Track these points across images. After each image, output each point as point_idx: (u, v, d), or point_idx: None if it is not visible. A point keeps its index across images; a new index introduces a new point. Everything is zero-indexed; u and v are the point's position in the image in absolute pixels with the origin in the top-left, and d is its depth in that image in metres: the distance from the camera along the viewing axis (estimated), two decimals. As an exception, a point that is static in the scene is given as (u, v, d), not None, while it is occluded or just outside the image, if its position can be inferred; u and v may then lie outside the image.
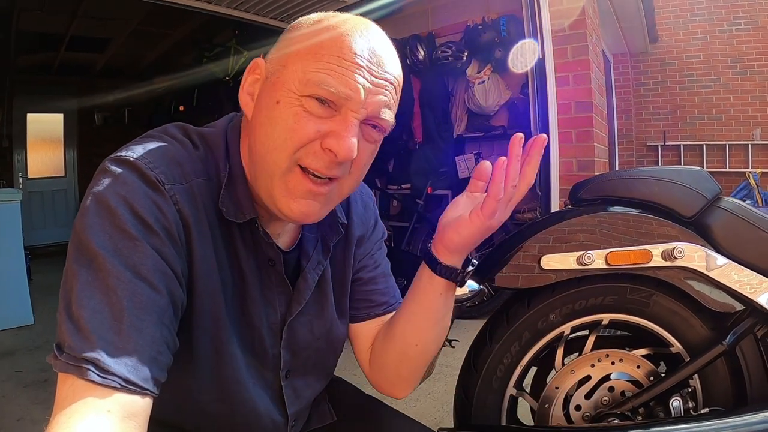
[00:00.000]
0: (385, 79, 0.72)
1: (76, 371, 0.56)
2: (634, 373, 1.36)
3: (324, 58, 0.68)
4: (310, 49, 0.70)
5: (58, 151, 7.99)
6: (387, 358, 0.95)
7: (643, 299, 1.33)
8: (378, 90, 0.71)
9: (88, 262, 0.62)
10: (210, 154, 0.78)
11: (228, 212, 0.76)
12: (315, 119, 0.69)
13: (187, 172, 0.73)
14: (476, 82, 4.53)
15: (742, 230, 1.28)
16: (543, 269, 1.30)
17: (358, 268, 0.98)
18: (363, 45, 0.70)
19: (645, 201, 1.33)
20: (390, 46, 0.75)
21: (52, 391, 0.57)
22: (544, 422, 1.38)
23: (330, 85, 0.67)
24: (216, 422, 0.85)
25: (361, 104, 0.69)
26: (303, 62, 0.69)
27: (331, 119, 0.70)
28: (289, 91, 0.69)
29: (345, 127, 0.69)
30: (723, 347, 1.26)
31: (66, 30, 5.80)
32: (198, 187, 0.74)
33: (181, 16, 4.95)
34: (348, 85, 0.68)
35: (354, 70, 0.68)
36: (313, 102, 0.69)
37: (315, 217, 0.76)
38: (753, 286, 1.25)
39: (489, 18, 4.45)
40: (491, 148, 4.73)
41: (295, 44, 0.72)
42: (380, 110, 0.72)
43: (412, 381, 0.97)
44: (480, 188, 0.83)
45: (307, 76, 0.68)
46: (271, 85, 0.72)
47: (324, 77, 0.67)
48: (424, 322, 0.89)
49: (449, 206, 0.85)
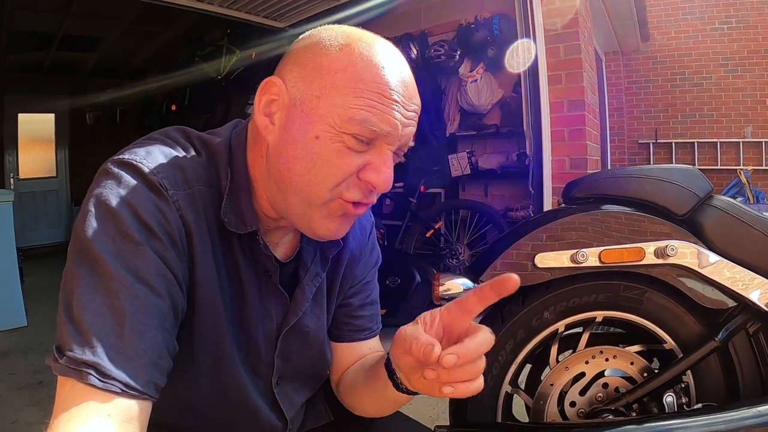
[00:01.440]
0: (414, 111, 0.73)
1: (77, 375, 0.57)
2: (627, 370, 1.38)
3: (364, 94, 0.67)
4: (347, 83, 0.68)
5: (50, 151, 7.92)
6: (351, 401, 0.97)
7: (636, 296, 1.34)
8: (409, 122, 0.72)
9: (90, 265, 0.61)
10: (212, 161, 0.78)
11: (230, 223, 0.75)
12: (355, 154, 0.69)
13: (189, 177, 0.73)
14: (469, 81, 4.53)
15: (734, 228, 1.29)
16: (537, 267, 1.31)
17: (351, 294, 0.99)
18: (397, 77, 0.70)
19: (638, 199, 1.34)
20: (411, 73, 0.74)
21: (46, 393, 0.57)
22: (539, 419, 1.39)
23: (373, 125, 0.67)
24: (215, 426, 0.85)
25: (397, 138, 0.71)
26: (342, 97, 0.67)
27: (367, 152, 0.70)
28: (328, 126, 0.68)
29: (383, 161, 0.71)
30: (715, 343, 1.27)
31: (57, 29, 5.76)
32: (200, 194, 0.73)
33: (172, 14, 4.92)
34: (389, 123, 0.68)
35: (392, 107, 0.68)
36: (354, 139, 0.68)
37: (343, 232, 0.78)
38: (745, 282, 1.26)
39: (481, 17, 4.46)
40: (484, 147, 4.75)
41: (327, 74, 0.69)
42: (409, 141, 0.74)
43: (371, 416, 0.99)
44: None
45: (349, 113, 0.67)
46: (304, 116, 0.70)
47: (367, 116, 0.67)
48: (379, 400, 0.89)
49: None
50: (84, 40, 6.41)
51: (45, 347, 3.41)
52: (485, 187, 4.72)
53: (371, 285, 1.02)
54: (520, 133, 4.20)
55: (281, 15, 4.81)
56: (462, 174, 4.65)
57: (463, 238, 4.46)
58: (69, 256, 0.64)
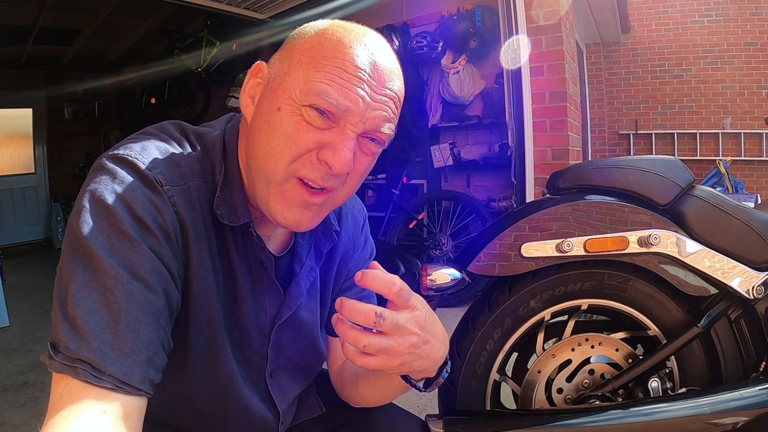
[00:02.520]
0: (385, 95, 0.71)
1: (72, 372, 0.56)
2: (613, 356, 1.40)
3: (326, 68, 0.67)
4: (312, 57, 0.69)
5: (28, 147, 7.74)
6: (350, 392, 0.98)
7: (620, 284, 1.36)
8: (378, 105, 0.70)
9: (85, 261, 0.61)
10: (206, 155, 0.78)
11: (222, 215, 0.75)
12: (314, 129, 0.68)
13: (184, 173, 0.73)
14: (451, 72, 4.54)
15: (715, 217, 1.31)
16: (523, 257, 1.32)
17: (346, 288, 0.99)
18: (365, 58, 0.69)
19: (621, 189, 1.36)
20: (393, 59, 0.74)
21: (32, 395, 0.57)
22: (527, 406, 1.41)
23: (330, 96, 0.66)
24: (209, 421, 0.85)
25: (360, 118, 0.69)
26: (305, 71, 0.68)
27: (329, 130, 0.69)
28: (290, 99, 0.68)
29: (342, 140, 0.69)
30: (698, 329, 1.30)
31: (34, 22, 5.64)
32: (195, 189, 0.73)
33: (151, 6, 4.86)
34: (348, 98, 0.67)
35: (355, 83, 0.67)
36: (313, 112, 0.68)
37: (307, 225, 0.75)
38: (725, 270, 1.29)
39: (464, 8, 4.46)
40: (466, 138, 4.76)
41: (297, 51, 0.71)
42: (380, 125, 0.71)
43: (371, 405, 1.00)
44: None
45: (308, 85, 0.67)
46: (272, 91, 0.71)
47: (325, 88, 0.66)
48: (385, 390, 0.91)
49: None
50: (61, 34, 6.27)
51: (28, 347, 3.36)
52: (468, 178, 4.74)
53: None
54: (503, 124, 4.22)
55: (262, 6, 4.76)
56: (444, 165, 4.66)
57: (446, 229, 4.48)
58: (63, 252, 0.63)
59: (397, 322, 0.65)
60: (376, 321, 0.63)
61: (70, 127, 8.07)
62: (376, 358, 0.66)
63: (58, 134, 7.92)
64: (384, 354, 0.65)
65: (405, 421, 1.05)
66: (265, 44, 5.27)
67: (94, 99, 8.07)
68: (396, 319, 0.65)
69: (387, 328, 0.64)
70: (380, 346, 0.64)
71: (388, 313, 0.64)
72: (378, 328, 0.64)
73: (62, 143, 7.93)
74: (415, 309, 0.68)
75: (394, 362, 0.67)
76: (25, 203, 7.64)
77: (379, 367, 0.67)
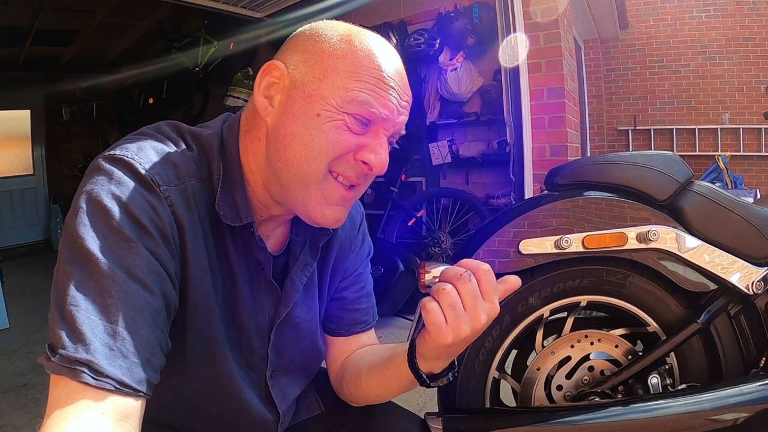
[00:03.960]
0: (407, 101, 0.78)
1: (70, 373, 0.56)
2: (612, 353, 1.40)
3: (364, 78, 0.72)
4: (349, 67, 0.72)
5: (26, 148, 7.73)
6: (351, 389, 0.97)
7: (619, 281, 1.36)
8: (403, 110, 0.77)
9: (82, 262, 0.61)
10: (203, 155, 0.78)
11: (225, 216, 0.76)
12: (353, 134, 0.73)
13: (181, 172, 0.73)
14: (449, 69, 4.52)
15: (714, 212, 1.31)
16: (521, 254, 1.32)
17: (344, 286, 0.99)
18: (393, 67, 0.75)
19: (620, 185, 1.35)
20: (402, 65, 0.79)
21: (32, 396, 0.57)
22: (526, 403, 1.40)
23: (373, 107, 0.72)
24: (208, 421, 0.85)
25: (393, 123, 0.75)
26: (343, 80, 0.72)
27: (365, 135, 0.74)
28: (329, 106, 0.71)
29: (379, 143, 0.75)
30: (698, 325, 1.29)
31: (32, 23, 5.63)
32: (191, 189, 0.73)
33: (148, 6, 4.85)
34: (386, 107, 0.73)
35: (389, 92, 0.73)
36: (354, 119, 0.72)
37: (342, 221, 0.79)
38: (725, 266, 1.28)
39: (461, 5, 4.45)
40: (464, 135, 4.75)
41: (329, 58, 0.73)
42: (402, 128, 0.78)
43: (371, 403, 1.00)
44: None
45: (350, 95, 0.71)
46: (305, 96, 0.73)
47: (367, 98, 0.71)
48: (391, 385, 0.90)
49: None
50: (58, 35, 6.27)
51: (28, 349, 3.36)
52: (466, 175, 4.73)
53: (364, 276, 1.03)
54: (501, 120, 4.21)
55: (259, 5, 4.75)
56: (443, 162, 4.65)
57: (445, 226, 4.47)
58: (60, 253, 0.63)
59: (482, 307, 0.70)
60: (463, 275, 0.68)
61: (68, 128, 8.06)
62: (438, 311, 0.68)
63: (57, 135, 7.91)
64: (450, 311, 0.68)
65: (404, 420, 1.04)
66: (263, 43, 5.26)
67: (92, 100, 8.05)
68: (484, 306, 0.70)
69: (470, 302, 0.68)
70: (455, 303, 0.68)
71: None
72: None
73: (61, 144, 7.93)
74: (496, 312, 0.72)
75: (449, 327, 0.68)
76: (24, 205, 7.63)
77: (432, 321, 0.68)
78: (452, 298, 0.67)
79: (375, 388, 0.93)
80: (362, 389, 0.95)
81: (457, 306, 0.67)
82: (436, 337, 0.69)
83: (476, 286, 0.68)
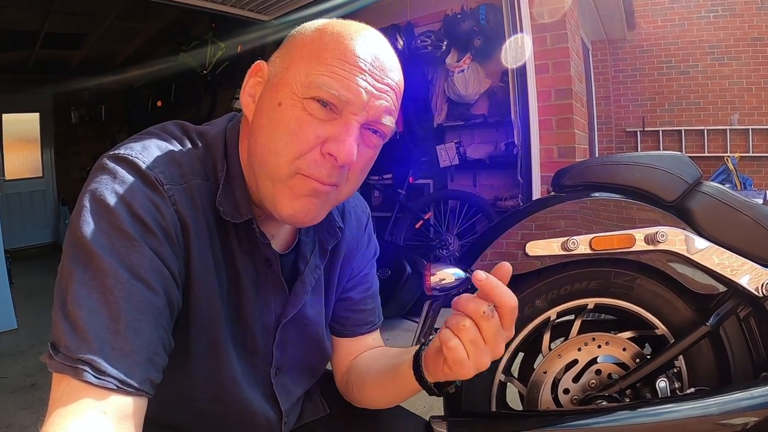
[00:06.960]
0: (386, 84, 0.71)
1: (72, 372, 0.56)
2: (620, 356, 1.38)
3: (327, 61, 0.68)
4: (313, 52, 0.69)
5: (36, 151, 7.81)
6: (357, 394, 0.97)
7: (627, 283, 1.34)
8: (379, 95, 0.70)
9: (85, 261, 0.61)
10: (208, 153, 0.78)
11: (225, 212, 0.75)
12: (316, 123, 0.68)
13: (185, 171, 0.73)
14: (456, 71, 4.53)
15: (723, 214, 1.30)
16: (528, 256, 1.31)
17: (350, 287, 0.99)
18: (365, 49, 0.69)
19: (627, 186, 1.34)
20: (392, 52, 0.74)
21: (39, 396, 0.57)
22: (533, 407, 1.39)
23: (332, 88, 0.67)
24: (211, 421, 0.85)
25: (363, 107, 0.69)
26: (306, 65, 0.69)
27: (331, 123, 0.69)
28: (291, 93, 0.69)
29: (346, 130, 0.68)
30: (707, 328, 1.28)
31: (41, 27, 5.68)
32: (196, 187, 0.73)
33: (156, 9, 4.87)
34: (350, 89, 0.67)
35: (356, 74, 0.68)
36: (315, 104, 0.68)
37: (313, 217, 0.74)
38: (734, 268, 1.27)
39: (468, 7, 4.45)
40: (472, 137, 4.75)
41: (298, 47, 0.72)
42: (381, 115, 0.71)
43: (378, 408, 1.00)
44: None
45: (310, 78, 0.68)
46: (273, 87, 0.72)
47: (326, 79, 0.67)
48: (396, 394, 0.90)
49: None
50: (67, 38, 6.32)
51: (36, 349, 3.38)
52: (474, 177, 4.73)
53: (370, 277, 1.02)
54: (508, 122, 4.21)
55: (266, 7, 4.77)
56: (450, 164, 4.65)
57: (453, 229, 4.47)
58: (64, 251, 0.64)
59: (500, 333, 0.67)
60: (486, 312, 0.65)
61: (77, 131, 8.13)
62: (461, 349, 0.66)
63: (66, 138, 7.99)
64: (472, 347, 0.66)
65: (410, 423, 1.04)
66: (270, 45, 5.28)
67: (100, 103, 8.12)
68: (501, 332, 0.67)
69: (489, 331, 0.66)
70: (476, 339, 0.65)
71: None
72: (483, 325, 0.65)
73: (69, 147, 7.99)
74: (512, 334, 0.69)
75: (471, 362, 0.67)
76: (33, 207, 7.70)
77: (454, 358, 0.66)
78: (473, 334, 0.65)
79: (381, 396, 0.93)
80: (367, 397, 0.95)
81: (479, 342, 0.66)
82: (457, 370, 0.68)
83: (498, 321, 0.66)
